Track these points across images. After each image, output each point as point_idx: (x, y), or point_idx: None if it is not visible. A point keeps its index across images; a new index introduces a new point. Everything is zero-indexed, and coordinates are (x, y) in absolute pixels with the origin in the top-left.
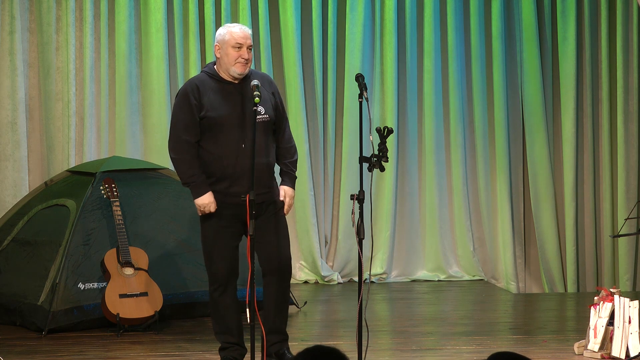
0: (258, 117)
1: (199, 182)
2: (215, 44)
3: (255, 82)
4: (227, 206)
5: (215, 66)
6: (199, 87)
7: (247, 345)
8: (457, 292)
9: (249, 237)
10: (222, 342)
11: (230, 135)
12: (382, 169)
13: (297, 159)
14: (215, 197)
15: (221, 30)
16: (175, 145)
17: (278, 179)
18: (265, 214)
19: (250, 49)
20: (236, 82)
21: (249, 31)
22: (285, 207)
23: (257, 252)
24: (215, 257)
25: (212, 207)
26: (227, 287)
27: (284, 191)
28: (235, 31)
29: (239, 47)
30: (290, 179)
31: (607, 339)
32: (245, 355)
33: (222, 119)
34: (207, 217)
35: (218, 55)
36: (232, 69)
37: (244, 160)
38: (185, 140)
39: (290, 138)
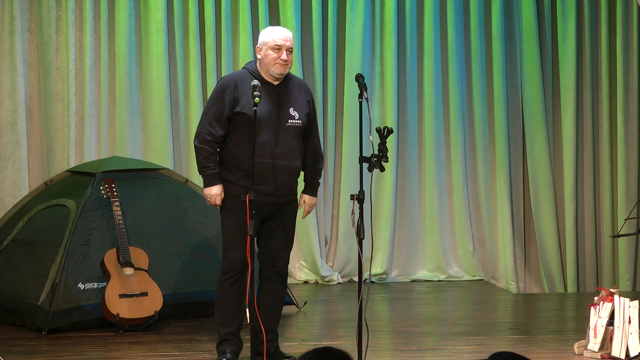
0: (292, 121)
1: (212, 174)
2: (257, 45)
3: (255, 82)
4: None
5: (257, 64)
6: (237, 84)
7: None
8: (457, 292)
9: (248, 237)
10: (222, 335)
11: (264, 135)
12: (382, 169)
13: (322, 167)
14: (240, 192)
15: (263, 32)
16: (199, 134)
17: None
18: (281, 214)
19: (290, 52)
20: (275, 83)
21: (289, 34)
22: (304, 214)
23: (262, 250)
24: (236, 244)
25: (219, 200)
26: (239, 278)
27: (304, 200)
28: (275, 33)
29: (278, 49)
30: (313, 188)
31: (607, 339)
32: (245, 355)
33: (258, 118)
34: (232, 208)
35: (259, 57)
36: (271, 69)
37: (275, 161)
38: (210, 132)
39: (319, 145)
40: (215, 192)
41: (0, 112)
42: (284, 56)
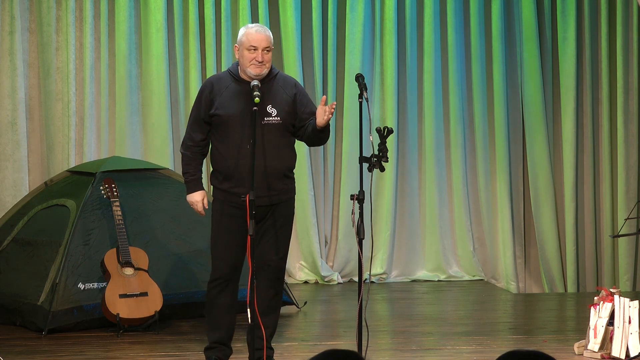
0: (268, 118)
1: (192, 179)
2: (235, 44)
3: (255, 82)
4: (232, 205)
5: (238, 65)
6: (213, 85)
7: (237, 345)
8: (457, 292)
9: (249, 237)
10: (210, 341)
11: (237, 135)
12: (382, 169)
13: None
14: (222, 196)
15: (240, 31)
16: (183, 140)
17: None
18: (272, 216)
19: (269, 51)
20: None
21: (266, 33)
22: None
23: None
24: (219, 253)
25: (200, 206)
26: (227, 285)
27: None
28: (251, 33)
29: (254, 49)
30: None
31: (607, 339)
32: (244, 356)
33: (229, 117)
34: (216, 213)
35: (237, 56)
36: (247, 70)
37: (248, 161)
38: (190, 137)
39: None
40: (196, 198)
41: (0, 112)
42: (259, 57)
